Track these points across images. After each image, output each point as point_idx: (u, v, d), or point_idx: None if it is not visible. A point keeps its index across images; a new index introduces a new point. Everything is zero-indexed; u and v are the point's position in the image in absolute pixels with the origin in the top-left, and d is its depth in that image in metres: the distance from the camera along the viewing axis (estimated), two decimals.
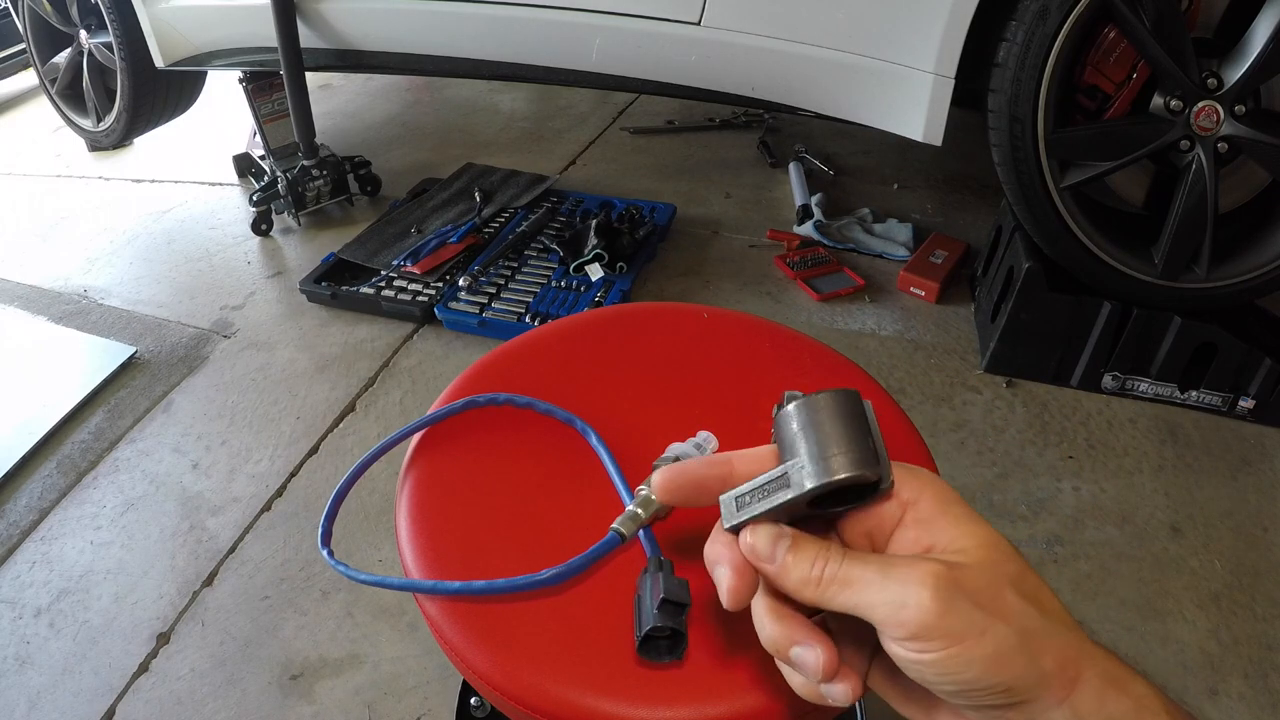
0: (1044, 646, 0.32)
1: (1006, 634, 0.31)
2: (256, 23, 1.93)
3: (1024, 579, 0.33)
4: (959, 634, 0.31)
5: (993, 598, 0.32)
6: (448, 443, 0.57)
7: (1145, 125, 1.29)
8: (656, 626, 0.42)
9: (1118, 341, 1.41)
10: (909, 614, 0.31)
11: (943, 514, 0.35)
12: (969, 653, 0.31)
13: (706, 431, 0.56)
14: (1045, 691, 0.32)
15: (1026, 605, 0.32)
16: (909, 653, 0.32)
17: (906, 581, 0.32)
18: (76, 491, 1.42)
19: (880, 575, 0.33)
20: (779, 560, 0.35)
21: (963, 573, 0.32)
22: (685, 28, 1.56)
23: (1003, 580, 0.33)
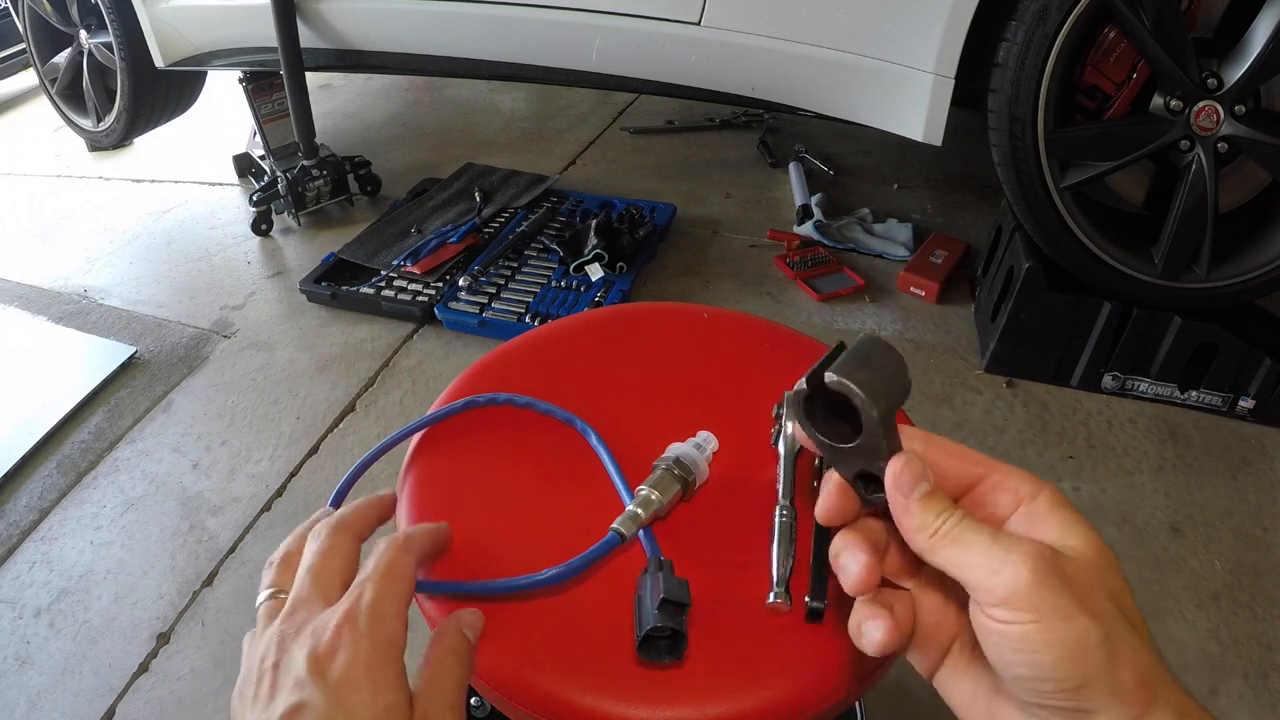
0: (1126, 658, 0.31)
1: (1092, 628, 0.31)
2: (256, 23, 1.93)
3: (1121, 593, 0.34)
4: (1046, 612, 0.31)
5: (1087, 593, 0.32)
6: (448, 443, 0.57)
7: (1145, 125, 1.29)
8: (656, 626, 0.42)
9: (1118, 341, 1.41)
10: (1003, 579, 0.32)
11: (1055, 514, 0.35)
12: (1052, 633, 0.31)
13: (706, 431, 0.56)
14: (1117, 704, 0.31)
15: (1118, 614, 0.32)
16: (995, 621, 0.32)
17: (1009, 550, 0.32)
18: (76, 491, 1.42)
19: (988, 541, 0.33)
20: (915, 496, 0.36)
21: (1065, 562, 0.33)
22: (685, 28, 1.56)
23: (1100, 583, 0.33)
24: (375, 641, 0.37)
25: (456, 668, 0.40)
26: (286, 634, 0.38)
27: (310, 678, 0.35)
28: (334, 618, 0.37)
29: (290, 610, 0.39)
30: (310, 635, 0.37)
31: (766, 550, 0.48)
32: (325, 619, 0.37)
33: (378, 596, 0.38)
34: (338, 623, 0.37)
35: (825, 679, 0.44)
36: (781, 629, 0.45)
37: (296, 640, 0.37)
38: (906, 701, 0.99)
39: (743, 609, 0.46)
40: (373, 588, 0.39)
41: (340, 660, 0.36)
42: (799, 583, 0.47)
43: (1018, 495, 0.36)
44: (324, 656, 0.36)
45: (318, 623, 0.37)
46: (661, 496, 0.50)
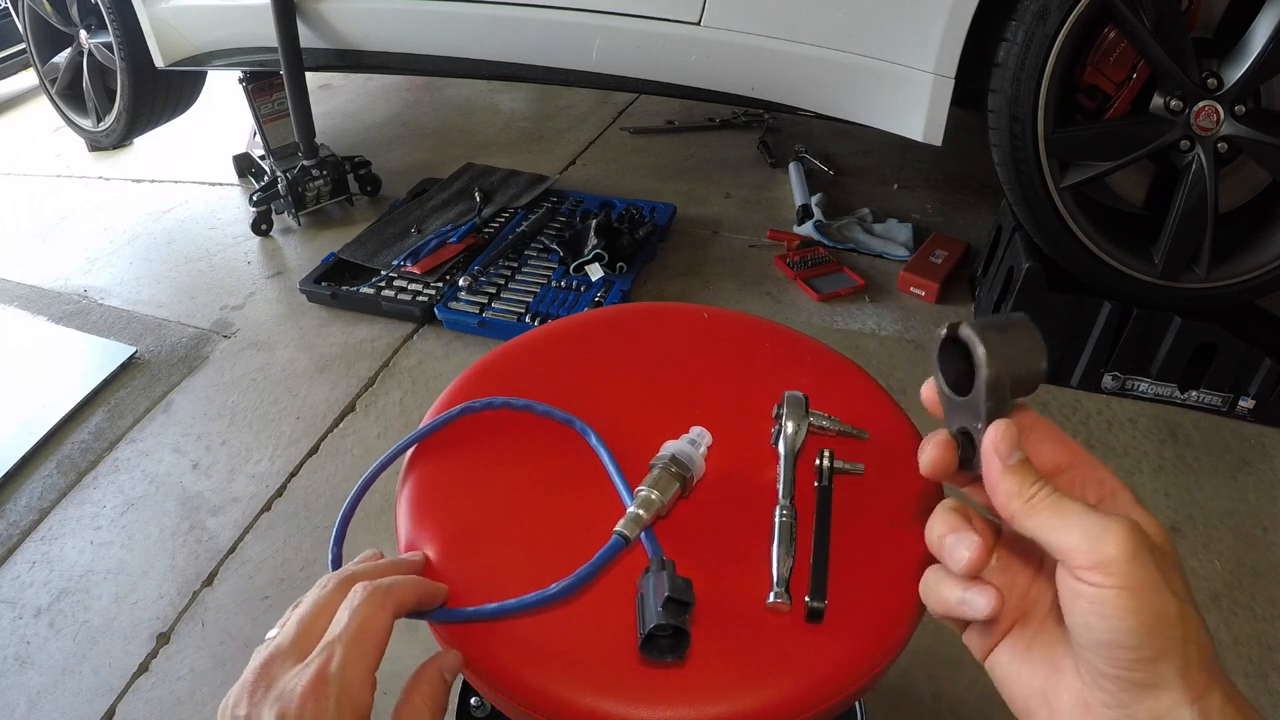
0: (1195, 637, 0.33)
1: (1173, 603, 0.33)
2: (256, 23, 1.93)
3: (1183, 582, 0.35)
4: (1138, 580, 0.33)
5: (1169, 573, 0.34)
6: (445, 450, 0.57)
7: (1145, 125, 1.29)
8: (660, 625, 0.42)
9: (1118, 341, 1.41)
10: (1101, 545, 0.33)
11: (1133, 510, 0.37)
12: (1138, 601, 0.32)
13: (700, 427, 0.56)
14: (1183, 682, 0.33)
15: (1191, 598, 0.34)
16: (1088, 585, 0.33)
17: (1108, 520, 0.34)
18: (76, 491, 1.42)
19: (1085, 510, 0.35)
20: (1013, 461, 0.37)
21: (1155, 544, 0.34)
22: (685, 28, 1.56)
23: (1176, 569, 0.35)
24: (342, 710, 0.38)
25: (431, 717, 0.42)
26: (257, 688, 0.39)
27: None
28: (301, 682, 0.38)
29: (267, 659, 0.40)
30: (278, 698, 0.38)
31: (766, 550, 0.48)
32: (294, 682, 0.39)
33: (345, 660, 0.39)
34: (304, 690, 0.38)
35: (825, 679, 0.44)
36: (781, 629, 0.45)
37: (266, 699, 0.39)
38: (906, 701, 0.99)
39: (743, 609, 0.46)
40: (342, 651, 0.40)
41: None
42: (799, 583, 0.47)
43: (1102, 488, 0.39)
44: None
45: (286, 684, 0.39)
46: (661, 495, 0.50)
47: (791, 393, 0.53)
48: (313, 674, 0.39)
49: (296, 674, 0.39)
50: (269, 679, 0.40)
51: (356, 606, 0.41)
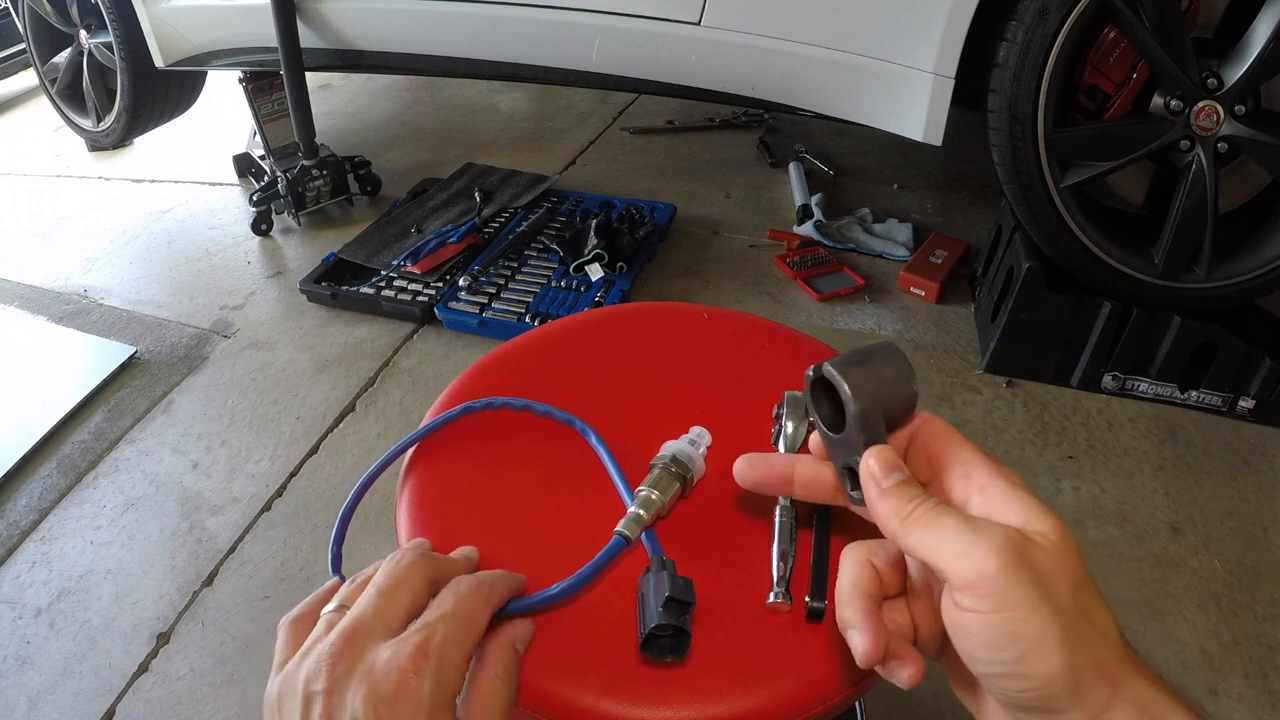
0: (1085, 655, 0.31)
1: (1054, 622, 0.31)
2: (256, 23, 1.93)
3: (1084, 586, 0.33)
4: (1012, 600, 0.31)
5: (1051, 584, 0.32)
6: (444, 451, 0.57)
7: (1145, 125, 1.29)
8: (660, 625, 0.42)
9: (1118, 341, 1.41)
10: (969, 563, 0.32)
11: (1013, 498, 0.35)
12: (1015, 625, 0.31)
13: (700, 427, 0.56)
14: (1079, 703, 0.31)
15: (1079, 607, 0.32)
16: (963, 610, 0.32)
17: (979, 534, 0.32)
18: (76, 491, 1.42)
19: (959, 524, 0.33)
20: (886, 485, 0.36)
21: (1034, 549, 0.32)
22: (685, 28, 1.56)
23: (1063, 571, 0.32)
24: (438, 689, 0.36)
25: (507, 691, 0.40)
26: (339, 660, 0.36)
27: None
28: (401, 657, 0.36)
29: (350, 632, 0.37)
30: (369, 672, 0.35)
31: (766, 550, 0.48)
32: (390, 656, 0.36)
33: (448, 642, 0.37)
34: (403, 664, 0.35)
35: (825, 679, 0.44)
36: (781, 629, 0.45)
37: (354, 674, 0.36)
38: (906, 701, 0.99)
39: (743, 609, 0.46)
40: (444, 630, 0.38)
41: (402, 709, 0.35)
42: (799, 583, 0.47)
43: (969, 483, 0.37)
44: (387, 699, 0.35)
45: (380, 658, 0.36)
46: (662, 496, 0.50)
47: (791, 393, 0.53)
48: (413, 648, 0.36)
49: (392, 647, 0.36)
50: (355, 651, 0.36)
51: (463, 594, 0.40)
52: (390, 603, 0.39)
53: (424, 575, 0.41)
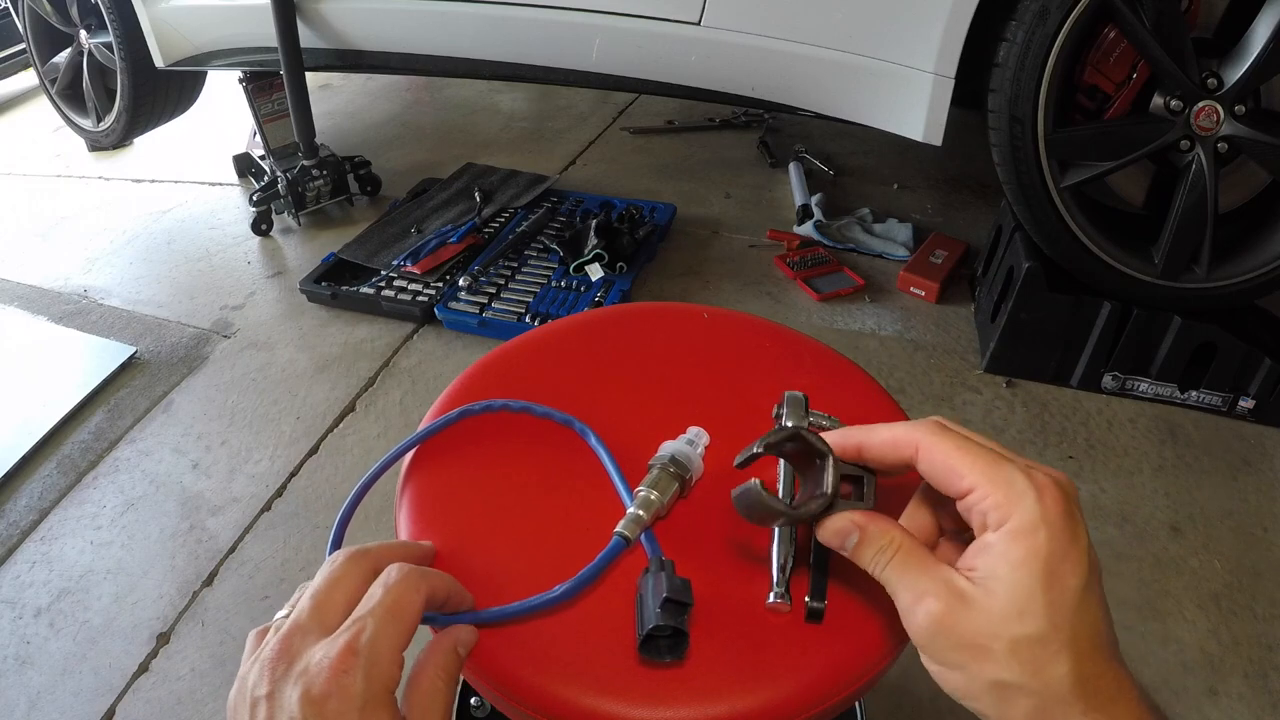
0: (1018, 702, 0.34)
1: (979, 679, 0.35)
2: (256, 23, 1.93)
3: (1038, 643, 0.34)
4: (939, 660, 0.37)
5: (981, 645, 0.35)
6: (443, 453, 0.57)
7: (1145, 125, 1.29)
8: (659, 626, 0.42)
9: (1118, 341, 1.41)
10: (910, 623, 0.38)
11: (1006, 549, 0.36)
12: (944, 675, 0.37)
13: (698, 427, 0.56)
14: None
15: (1015, 662, 0.34)
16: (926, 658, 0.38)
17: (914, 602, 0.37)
18: (76, 491, 1.42)
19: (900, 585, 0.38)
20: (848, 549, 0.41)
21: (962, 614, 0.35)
22: (685, 28, 1.56)
23: (1002, 636, 0.34)
24: (370, 684, 0.36)
25: (447, 691, 0.40)
26: (277, 663, 0.37)
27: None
28: (330, 656, 0.37)
29: (286, 635, 0.38)
30: (303, 673, 0.36)
31: (766, 550, 0.48)
32: (321, 655, 0.37)
33: (376, 635, 0.38)
34: (333, 663, 0.36)
35: (825, 679, 0.44)
36: (781, 629, 0.45)
37: (289, 675, 0.37)
38: (906, 701, 0.99)
39: (743, 609, 0.46)
40: (373, 625, 0.38)
41: (333, 707, 0.35)
42: (799, 583, 0.47)
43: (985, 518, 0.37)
44: (318, 699, 0.35)
45: (312, 658, 0.37)
46: (661, 496, 0.50)
47: (791, 393, 0.53)
48: (342, 646, 0.37)
49: (323, 647, 0.37)
50: (290, 654, 0.38)
51: (391, 584, 0.40)
52: (325, 602, 0.40)
53: (359, 571, 0.42)
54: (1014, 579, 0.35)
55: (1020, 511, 0.35)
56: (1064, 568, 0.35)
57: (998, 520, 0.36)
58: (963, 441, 0.38)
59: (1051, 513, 0.35)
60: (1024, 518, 0.35)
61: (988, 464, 0.37)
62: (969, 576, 0.36)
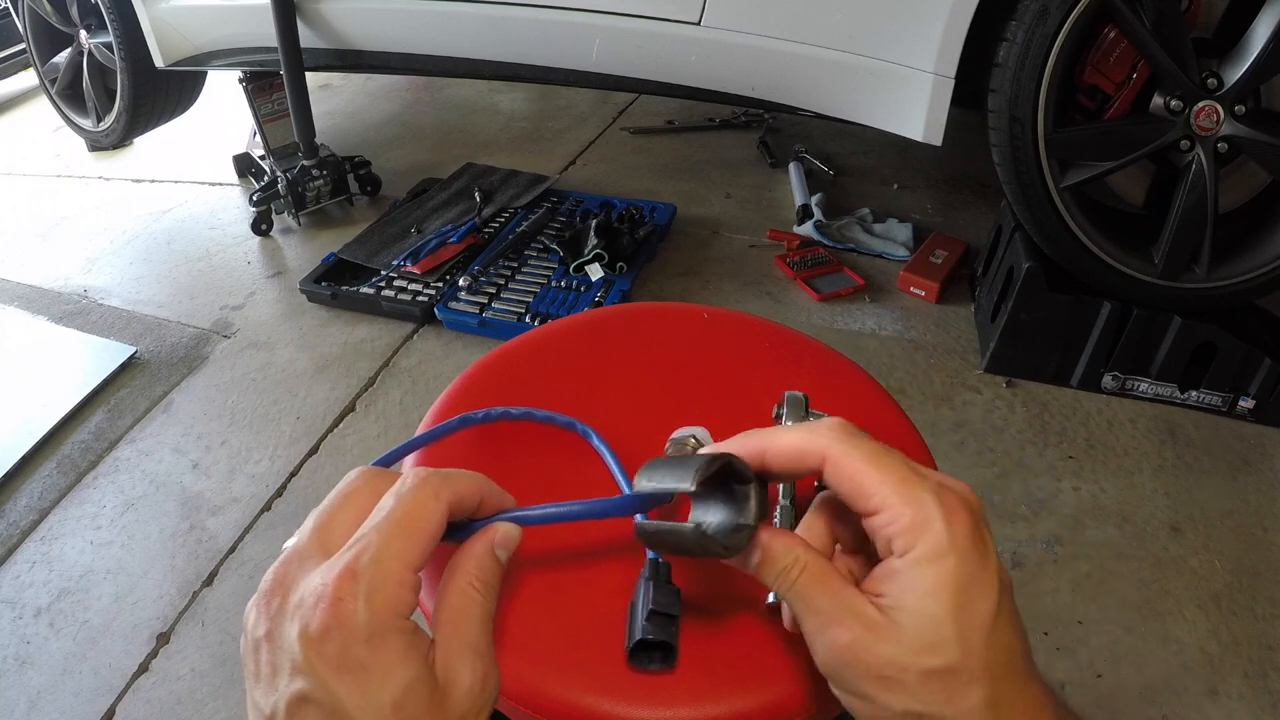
0: None
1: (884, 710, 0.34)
2: (256, 23, 1.93)
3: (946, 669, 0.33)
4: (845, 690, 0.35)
5: (890, 676, 0.33)
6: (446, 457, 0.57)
7: (1145, 125, 1.29)
8: (643, 640, 0.42)
9: (1118, 341, 1.41)
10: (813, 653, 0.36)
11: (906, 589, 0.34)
12: (852, 707, 0.35)
13: (700, 427, 0.56)
14: None
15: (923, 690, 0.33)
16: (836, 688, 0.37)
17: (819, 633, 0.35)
18: (76, 491, 1.42)
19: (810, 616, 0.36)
20: (751, 568, 0.38)
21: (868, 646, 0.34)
22: (685, 28, 1.56)
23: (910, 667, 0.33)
24: (374, 611, 0.31)
25: (483, 600, 0.35)
26: (273, 596, 0.33)
27: (307, 663, 0.31)
28: (327, 582, 0.31)
29: (283, 562, 0.33)
30: (299, 606, 0.32)
31: None
32: (318, 583, 0.32)
33: (381, 553, 0.32)
34: (331, 590, 0.31)
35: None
36: (780, 629, 0.45)
37: (285, 609, 0.32)
38: None
39: (742, 609, 0.46)
40: (379, 540, 0.32)
41: (334, 643, 0.31)
42: None
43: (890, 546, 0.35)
44: (317, 637, 0.31)
45: (309, 587, 0.32)
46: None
47: (791, 393, 0.53)
48: (340, 570, 0.31)
49: (320, 573, 0.32)
50: (286, 584, 0.33)
51: (405, 491, 0.34)
52: (330, 521, 0.35)
53: (372, 489, 0.36)
54: (922, 608, 0.33)
55: (928, 537, 0.33)
56: (974, 593, 0.33)
57: (904, 546, 0.34)
58: (872, 454, 0.35)
59: (960, 538, 0.33)
60: (932, 544, 0.33)
61: (898, 481, 0.34)
62: (877, 603, 0.34)
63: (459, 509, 0.36)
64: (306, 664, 0.31)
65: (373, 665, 0.31)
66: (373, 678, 0.31)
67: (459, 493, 0.36)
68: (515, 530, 0.38)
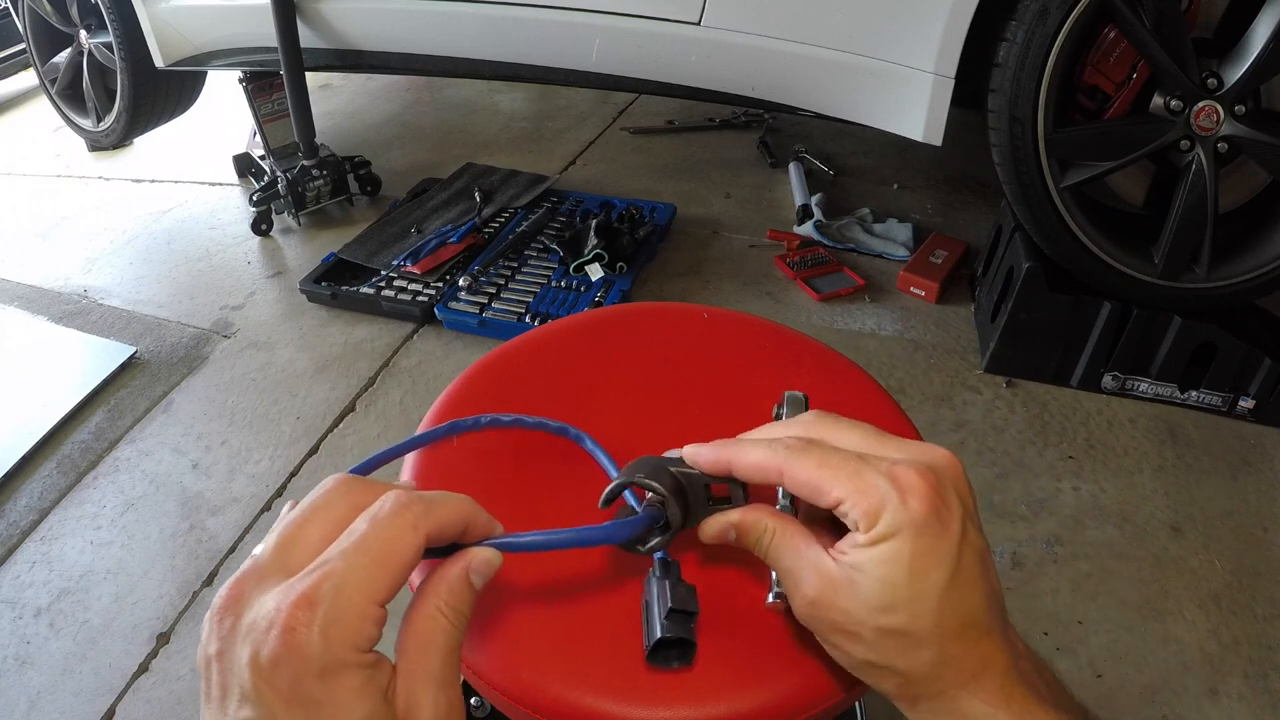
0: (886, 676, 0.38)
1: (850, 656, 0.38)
2: (256, 23, 1.93)
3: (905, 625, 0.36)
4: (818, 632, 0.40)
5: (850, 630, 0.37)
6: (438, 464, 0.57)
7: (1145, 125, 1.29)
8: (665, 638, 0.42)
9: (1118, 341, 1.41)
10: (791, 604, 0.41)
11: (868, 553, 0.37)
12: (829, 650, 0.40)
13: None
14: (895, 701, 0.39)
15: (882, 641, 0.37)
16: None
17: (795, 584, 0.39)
18: (76, 491, 1.42)
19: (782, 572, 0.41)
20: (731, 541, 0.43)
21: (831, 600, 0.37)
22: (685, 28, 1.56)
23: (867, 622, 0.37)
24: (329, 643, 0.29)
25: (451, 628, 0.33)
26: (225, 614, 0.31)
27: (255, 691, 0.29)
28: (282, 608, 0.29)
29: (239, 578, 0.31)
30: (251, 629, 0.30)
31: None
32: (272, 606, 0.30)
33: (346, 581, 0.30)
34: (285, 617, 0.29)
35: (825, 679, 0.44)
36: (781, 629, 0.45)
37: (237, 630, 0.30)
38: None
39: (743, 609, 0.46)
40: (344, 566, 0.30)
41: (285, 674, 0.29)
42: None
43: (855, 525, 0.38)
44: (267, 666, 0.29)
45: (264, 610, 0.30)
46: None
47: (791, 393, 0.53)
48: (297, 595, 0.29)
49: (276, 595, 0.30)
50: (240, 603, 0.30)
51: (381, 516, 0.32)
52: (297, 537, 0.32)
53: (348, 504, 0.33)
54: (878, 575, 0.36)
55: (885, 517, 0.36)
56: (928, 564, 0.36)
57: (866, 526, 0.37)
58: (823, 457, 0.38)
59: (916, 512, 0.36)
60: (886, 523, 0.36)
61: (850, 474, 0.37)
62: (838, 559, 0.38)
63: (439, 539, 0.35)
64: (255, 692, 0.29)
65: (325, 700, 0.29)
66: (324, 712, 0.29)
67: (441, 523, 0.34)
68: (496, 557, 0.36)
